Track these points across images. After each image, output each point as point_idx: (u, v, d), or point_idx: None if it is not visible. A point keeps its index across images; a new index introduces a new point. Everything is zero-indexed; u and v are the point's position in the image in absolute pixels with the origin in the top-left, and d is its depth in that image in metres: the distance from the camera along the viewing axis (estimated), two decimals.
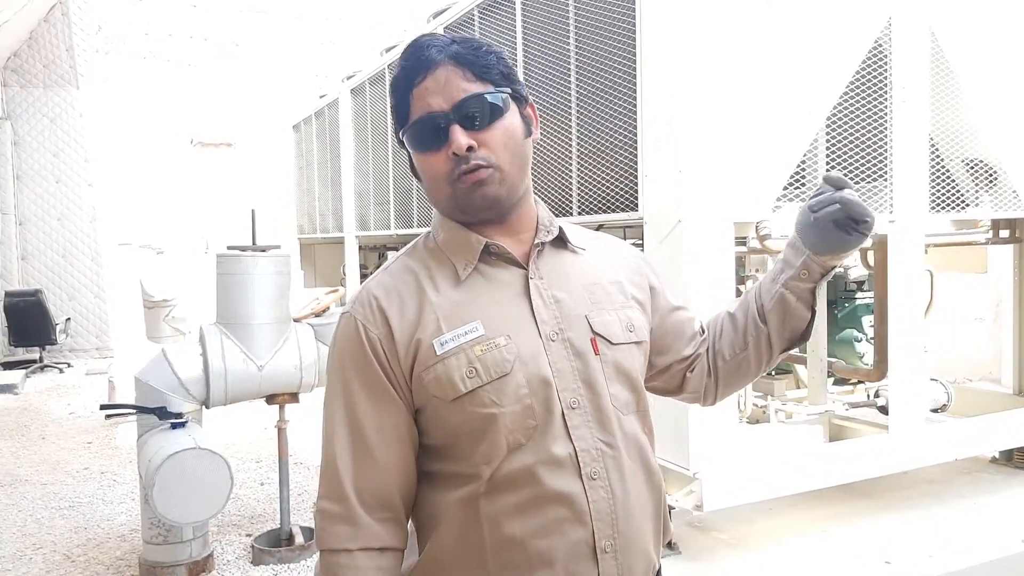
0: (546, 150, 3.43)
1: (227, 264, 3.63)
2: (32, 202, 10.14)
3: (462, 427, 1.15)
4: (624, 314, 1.25)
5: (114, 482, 5.27)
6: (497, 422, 1.12)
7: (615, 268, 1.31)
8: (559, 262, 1.24)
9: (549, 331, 1.17)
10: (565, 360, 1.16)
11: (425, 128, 1.14)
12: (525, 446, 1.13)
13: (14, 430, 6.75)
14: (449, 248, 1.22)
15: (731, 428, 2.97)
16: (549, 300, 1.19)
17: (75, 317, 10.35)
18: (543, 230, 1.24)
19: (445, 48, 1.15)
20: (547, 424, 1.14)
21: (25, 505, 4.83)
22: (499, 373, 1.13)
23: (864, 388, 4.14)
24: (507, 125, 1.16)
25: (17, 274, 10.04)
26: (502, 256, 1.20)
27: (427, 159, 1.16)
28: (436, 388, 1.14)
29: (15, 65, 9.95)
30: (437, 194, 1.19)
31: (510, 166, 1.16)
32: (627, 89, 2.93)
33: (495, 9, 3.74)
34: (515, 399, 1.13)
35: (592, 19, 3.10)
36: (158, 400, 3.45)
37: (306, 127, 7.27)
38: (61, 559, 4.02)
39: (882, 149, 3.23)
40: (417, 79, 1.15)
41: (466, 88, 1.13)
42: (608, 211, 3.09)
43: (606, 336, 1.20)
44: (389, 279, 1.22)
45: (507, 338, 1.14)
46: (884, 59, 3.22)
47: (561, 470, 1.13)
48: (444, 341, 1.14)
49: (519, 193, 1.21)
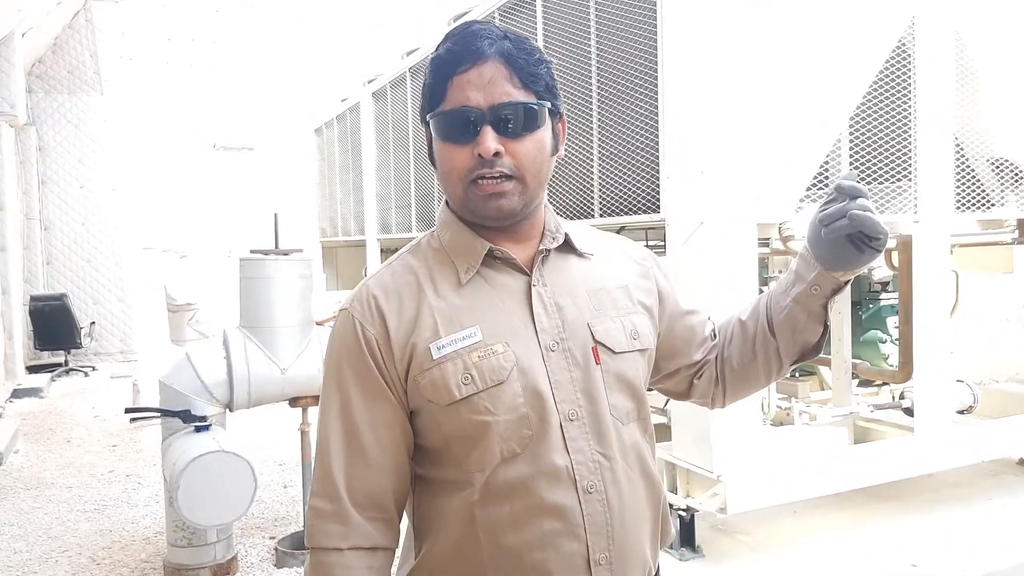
0: (567, 152, 3.42)
1: (250, 268, 3.65)
2: (57, 207, 10.26)
3: (456, 433, 1.13)
4: (629, 321, 1.22)
5: (139, 485, 5.32)
6: (491, 430, 1.11)
7: (623, 272, 1.28)
8: (564, 268, 1.22)
9: (549, 340, 1.15)
10: (564, 371, 1.14)
11: (456, 120, 1.11)
12: (520, 456, 1.11)
13: (40, 433, 6.82)
14: (453, 250, 1.20)
15: (755, 430, 2.96)
16: (551, 307, 1.17)
17: (99, 321, 10.45)
18: (549, 236, 1.21)
19: (497, 42, 1.11)
20: (543, 435, 1.12)
21: (51, 508, 4.88)
22: (495, 381, 1.11)
23: (889, 390, 4.10)
24: (539, 139, 1.13)
25: (42, 278, 10.16)
26: (506, 261, 1.18)
27: (450, 151, 1.13)
28: (431, 392, 1.13)
29: (40, 71, 10.08)
30: (450, 188, 1.16)
31: (532, 180, 1.13)
32: (648, 90, 2.92)
33: (516, 11, 3.74)
34: (510, 408, 1.11)
35: (613, 20, 3.10)
36: (182, 403, 3.48)
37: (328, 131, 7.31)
38: (87, 562, 4.06)
39: (906, 149, 3.20)
40: (461, 67, 1.10)
41: (509, 93, 1.10)
42: (629, 213, 3.08)
43: (608, 345, 1.18)
44: (389, 278, 1.20)
45: (505, 345, 1.12)
46: (908, 59, 3.19)
47: (557, 483, 1.11)
48: (441, 345, 1.12)
49: (535, 205, 1.18)
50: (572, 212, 3.39)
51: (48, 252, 10.27)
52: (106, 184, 10.42)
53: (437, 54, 1.14)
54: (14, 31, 8.08)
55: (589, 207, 3.29)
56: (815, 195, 3.08)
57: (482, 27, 1.13)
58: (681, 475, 3.02)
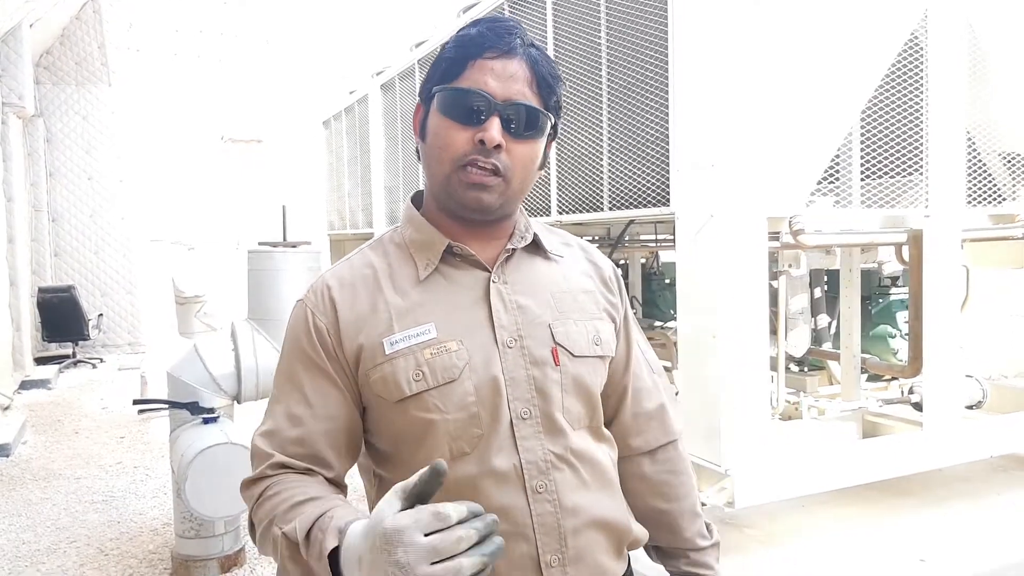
0: (577, 145, 3.41)
1: (258, 260, 3.66)
2: (65, 199, 10.27)
3: (405, 431, 1.12)
4: (592, 326, 1.20)
5: (147, 476, 5.34)
6: (439, 428, 1.09)
7: (590, 279, 1.26)
8: (530, 268, 1.20)
9: (507, 337, 1.13)
10: (521, 368, 1.12)
11: (466, 100, 1.10)
12: (469, 456, 1.10)
13: (48, 425, 6.85)
14: (414, 245, 1.19)
15: (763, 425, 2.94)
16: (511, 305, 1.15)
17: (107, 313, 10.48)
18: (517, 235, 1.20)
19: (526, 46, 1.12)
20: (492, 433, 1.10)
21: (59, 499, 4.90)
22: (446, 379, 1.09)
23: (898, 384, 4.09)
24: (535, 147, 1.14)
25: (50, 270, 10.18)
26: (466, 259, 1.17)
27: (450, 128, 1.11)
28: (381, 388, 1.11)
29: (48, 63, 10.08)
30: (436, 167, 1.14)
31: (518, 184, 1.13)
32: (659, 82, 2.91)
33: (526, 2, 3.73)
34: (460, 406, 1.09)
35: (623, 11, 3.08)
36: (190, 395, 3.48)
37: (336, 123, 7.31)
38: (95, 552, 4.07)
39: (918, 143, 3.18)
40: (489, 53, 1.10)
41: (525, 94, 1.10)
42: (639, 206, 3.07)
43: (567, 347, 1.16)
44: (347, 271, 1.19)
45: (459, 343, 1.11)
46: (920, 52, 3.17)
47: (504, 484, 1.09)
48: (394, 341, 1.11)
49: (510, 210, 1.18)
50: (582, 206, 3.38)
51: (56, 244, 10.29)
52: (114, 176, 10.43)
53: (466, 32, 1.14)
54: (21, 22, 8.08)
55: (599, 200, 3.28)
56: (826, 189, 3.07)
57: (516, 25, 1.14)
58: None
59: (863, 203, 3.14)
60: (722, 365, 2.78)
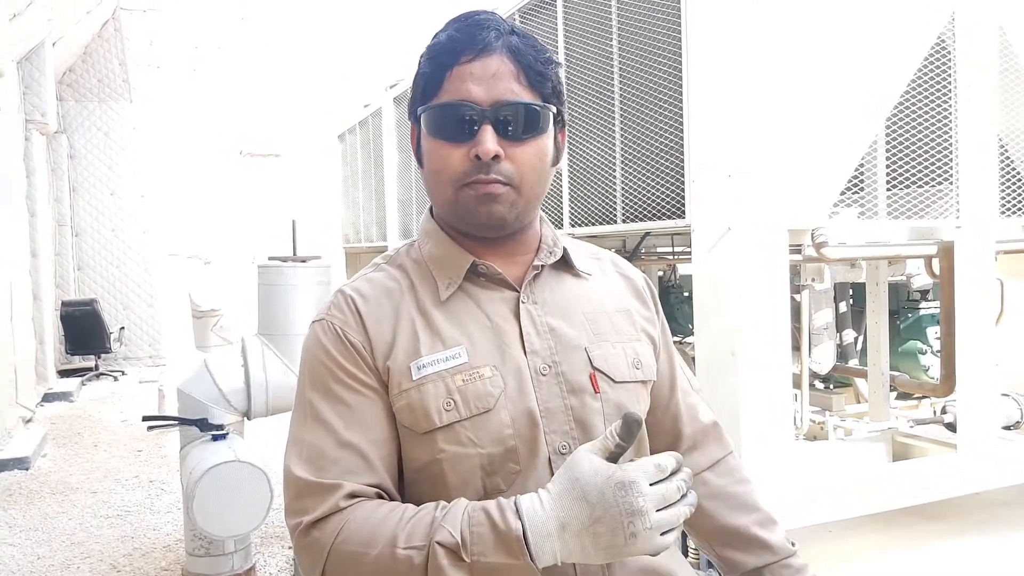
0: (589, 156, 3.33)
1: (268, 275, 3.62)
2: (88, 214, 10.39)
3: (432, 466, 1.00)
4: (631, 348, 1.10)
5: (162, 491, 5.32)
6: (473, 463, 0.99)
7: (623, 296, 1.16)
8: (559, 287, 1.11)
9: (540, 363, 1.03)
10: (557, 398, 1.02)
11: (453, 115, 1.00)
12: (504, 493, 0.98)
13: (68, 437, 6.88)
14: (433, 262, 1.09)
15: (786, 446, 2.83)
16: (543, 328, 1.05)
17: (129, 326, 10.56)
18: (545, 251, 1.10)
19: (504, 35, 1.01)
20: (530, 470, 1.00)
21: (75, 513, 4.90)
22: (480, 408, 0.99)
23: (930, 404, 3.94)
24: (541, 145, 1.03)
25: (73, 284, 10.28)
26: (491, 277, 1.07)
27: (442, 149, 1.01)
28: (407, 417, 1.00)
29: (70, 80, 10.21)
30: (438, 191, 1.05)
31: (530, 190, 1.03)
32: (672, 90, 2.82)
33: (537, 12, 3.66)
34: (496, 440, 0.99)
35: (635, 18, 3.00)
36: (200, 411, 3.44)
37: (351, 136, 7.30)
38: (107, 569, 4.05)
39: (947, 150, 3.06)
40: (464, 57, 1.00)
41: (514, 91, 1.00)
42: (653, 218, 2.98)
43: (607, 372, 1.06)
44: (367, 286, 1.08)
45: (493, 369, 1.01)
46: (948, 56, 3.05)
47: None
48: (422, 365, 1.00)
49: (527, 219, 1.08)
50: (594, 218, 3.29)
51: (79, 258, 10.40)
52: (135, 191, 10.53)
53: (436, 40, 1.03)
54: (44, 41, 8.19)
55: (612, 213, 3.19)
56: (850, 199, 2.96)
57: (489, 17, 1.02)
58: None
59: (889, 214, 3.03)
60: (741, 384, 2.67)
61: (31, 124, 8.44)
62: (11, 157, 7.73)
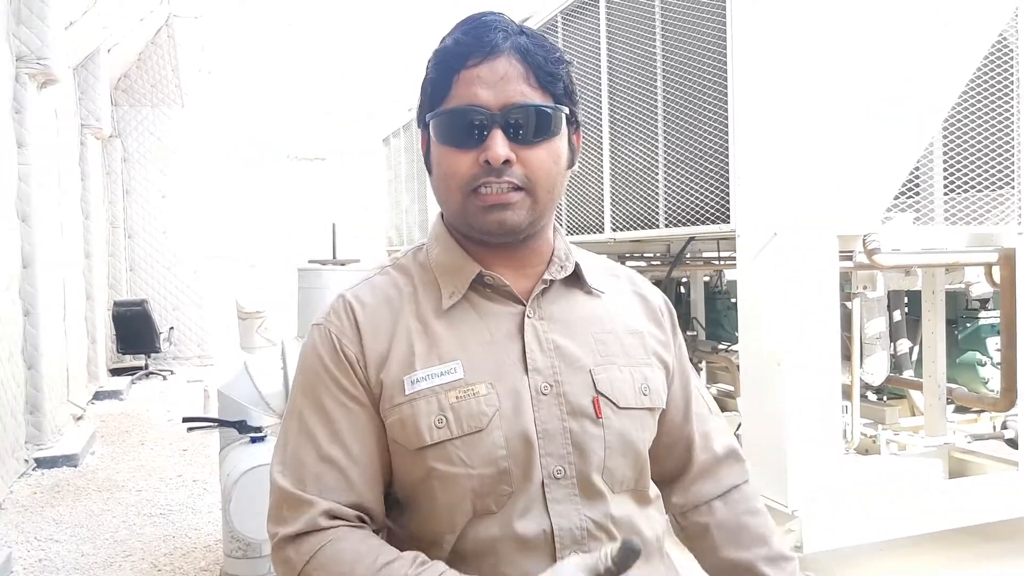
0: (630, 159, 3.26)
1: (307, 278, 3.63)
2: (140, 216, 10.63)
3: (423, 484, 0.97)
4: (640, 373, 1.04)
5: (204, 491, 5.38)
6: (462, 484, 0.94)
7: (636, 317, 1.10)
8: (568, 303, 1.05)
9: (541, 382, 0.98)
10: (556, 419, 0.97)
11: (461, 120, 0.96)
12: (495, 515, 0.95)
13: (116, 435, 7.02)
14: (440, 268, 1.04)
15: (836, 461, 2.72)
16: (548, 346, 1.00)
17: (178, 326, 10.76)
18: (556, 265, 1.05)
19: (513, 36, 0.97)
20: (522, 493, 0.95)
21: (119, 511, 4.97)
22: (472, 428, 0.94)
23: (989, 418, 3.79)
24: (554, 148, 0.98)
25: (125, 284, 10.53)
26: (498, 289, 1.02)
27: (450, 155, 0.97)
28: (399, 433, 0.96)
29: (125, 85, 10.47)
30: (447, 198, 1.00)
31: (544, 194, 0.98)
32: (717, 91, 2.74)
33: (578, 14, 3.61)
34: (488, 460, 0.94)
35: (680, 19, 2.92)
36: (239, 413, 3.45)
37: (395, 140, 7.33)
38: (148, 568, 4.09)
39: (1008, 153, 2.93)
40: (471, 60, 0.96)
41: (524, 93, 0.95)
42: (697, 223, 2.90)
43: (611, 397, 1.00)
44: (368, 293, 1.05)
45: (489, 387, 0.96)
46: (1010, 54, 2.92)
47: (530, 551, 0.94)
48: (416, 379, 0.96)
49: (541, 225, 1.02)
50: (636, 222, 3.22)
51: (131, 259, 10.65)
52: (186, 194, 10.74)
53: (443, 45, 0.99)
54: (100, 47, 8.40)
55: (654, 217, 3.12)
56: (904, 204, 2.84)
57: (496, 18, 0.98)
58: None
59: (947, 219, 2.91)
60: (788, 395, 2.58)
61: (86, 129, 8.67)
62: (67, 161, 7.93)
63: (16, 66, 5.91)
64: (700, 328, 4.31)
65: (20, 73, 5.93)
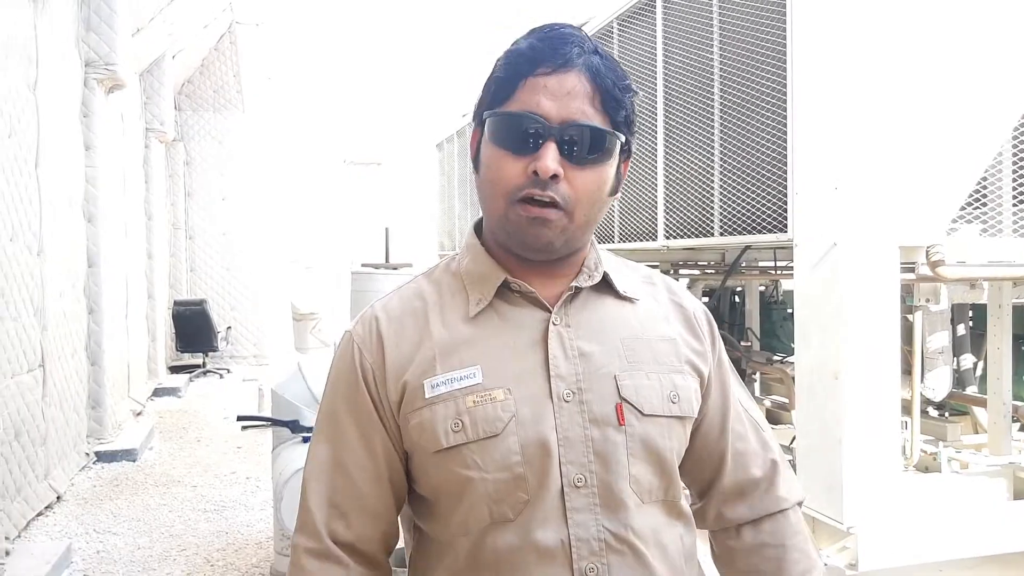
0: (686, 166, 3.21)
1: (360, 281, 3.68)
2: (201, 218, 10.90)
3: (442, 486, 0.99)
4: (669, 379, 1.02)
5: (257, 488, 5.47)
6: (477, 489, 0.95)
7: (671, 324, 1.08)
8: (597, 310, 1.04)
9: (564, 389, 0.97)
10: (577, 427, 0.96)
11: (518, 125, 0.95)
12: (513, 522, 0.95)
13: (174, 432, 7.19)
14: (468, 277, 1.04)
15: (894, 478, 2.64)
16: (572, 352, 0.99)
17: (235, 326, 10.99)
18: (585, 273, 1.04)
19: (587, 54, 0.96)
20: (539, 501, 0.94)
21: (175, 506, 5.09)
22: (487, 433, 0.95)
23: None
24: (602, 174, 0.98)
25: (186, 284, 10.80)
26: (525, 295, 1.02)
27: (501, 159, 0.97)
28: (419, 435, 0.98)
29: (188, 91, 10.76)
30: (491, 202, 1.00)
31: (581, 218, 0.97)
32: (776, 97, 2.69)
33: (635, 19, 3.58)
34: (502, 466, 0.94)
35: (738, 25, 2.88)
36: (292, 413, 3.50)
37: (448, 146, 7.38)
38: (202, 562, 4.17)
39: None
40: (541, 68, 0.95)
41: (586, 112, 0.95)
42: (753, 232, 2.84)
43: (636, 404, 0.98)
44: (397, 303, 1.07)
45: (506, 392, 0.96)
46: None
47: (547, 561, 0.93)
48: (436, 383, 0.97)
49: (576, 247, 1.02)
50: (690, 231, 3.18)
51: (191, 260, 10.92)
52: (245, 197, 10.98)
53: (516, 47, 0.99)
54: (164, 54, 8.64)
55: (709, 226, 3.07)
56: (970, 215, 2.75)
57: (574, 33, 0.97)
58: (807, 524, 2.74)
59: (1015, 231, 2.80)
60: (845, 409, 2.51)
61: (151, 132, 8.93)
62: (132, 164, 8.18)
63: (85, 71, 6.10)
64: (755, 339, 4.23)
65: (89, 78, 6.12)
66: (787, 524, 1.13)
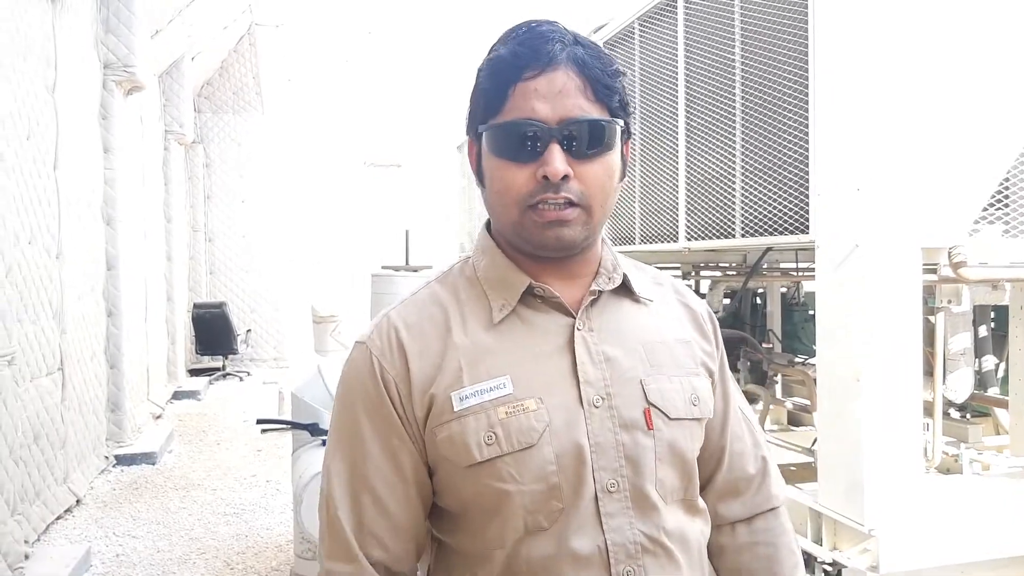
0: (707, 167, 3.21)
1: (380, 283, 3.69)
2: (220, 220, 10.96)
3: (475, 500, 0.97)
4: (689, 383, 1.02)
5: (277, 491, 5.49)
6: (513, 500, 0.94)
7: (684, 326, 1.09)
8: (617, 313, 1.04)
9: (593, 395, 0.96)
10: (608, 432, 0.96)
11: (518, 134, 0.94)
12: (547, 531, 0.94)
13: (193, 435, 7.23)
14: (488, 282, 1.03)
15: (916, 479, 2.62)
16: (599, 358, 0.98)
17: (255, 329, 11.05)
18: (604, 275, 1.04)
19: (569, 47, 0.95)
20: (573, 509, 0.94)
21: (195, 509, 5.11)
22: (523, 444, 0.94)
23: None
24: (609, 162, 0.98)
25: (205, 287, 10.87)
26: (548, 301, 1.01)
27: (506, 169, 0.96)
28: (449, 449, 0.96)
29: (208, 93, 10.83)
30: (503, 213, 0.99)
31: (599, 209, 0.97)
32: (798, 98, 2.68)
33: (656, 20, 3.57)
34: (539, 476, 0.94)
35: (760, 24, 2.87)
36: (312, 416, 3.51)
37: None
38: (221, 566, 4.19)
39: None
40: (528, 72, 0.94)
41: (582, 107, 0.94)
42: (775, 233, 2.83)
43: (663, 408, 0.99)
44: (414, 311, 1.04)
45: (538, 401, 0.95)
46: None
47: (585, 568, 0.93)
48: (464, 396, 0.96)
49: (595, 240, 1.02)
50: (711, 232, 3.17)
51: (211, 262, 10.98)
52: (265, 199, 11.03)
53: (497, 55, 0.98)
54: (183, 56, 8.70)
55: (730, 227, 3.06)
56: (992, 216, 2.72)
57: (552, 28, 0.97)
58: (828, 526, 2.73)
59: None
60: (867, 410, 2.50)
61: (170, 135, 8.99)
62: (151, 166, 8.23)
63: (104, 73, 6.15)
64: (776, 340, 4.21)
65: (107, 80, 6.16)
66: (778, 523, 1.15)
